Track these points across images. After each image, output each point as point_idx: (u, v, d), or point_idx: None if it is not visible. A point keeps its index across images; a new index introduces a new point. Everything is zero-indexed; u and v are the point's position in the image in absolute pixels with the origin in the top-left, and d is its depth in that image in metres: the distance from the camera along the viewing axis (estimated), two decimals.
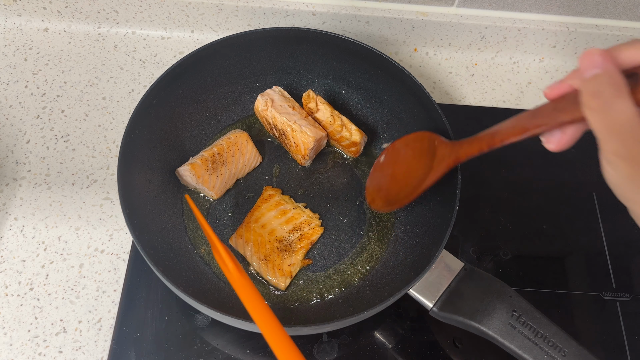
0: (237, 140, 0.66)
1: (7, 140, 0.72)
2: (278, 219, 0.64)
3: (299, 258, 0.62)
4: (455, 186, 0.56)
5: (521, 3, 0.77)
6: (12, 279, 0.63)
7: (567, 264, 0.67)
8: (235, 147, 0.65)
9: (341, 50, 0.67)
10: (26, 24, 0.81)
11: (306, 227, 0.64)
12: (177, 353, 0.58)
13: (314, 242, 0.63)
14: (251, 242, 0.62)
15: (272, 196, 0.66)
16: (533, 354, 0.50)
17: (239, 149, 0.66)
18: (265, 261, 0.61)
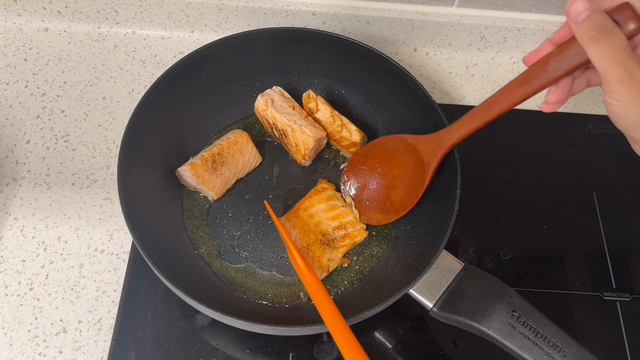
0: (237, 140, 0.66)
1: (7, 140, 0.72)
2: (326, 212, 0.64)
3: (339, 255, 0.62)
4: (455, 186, 0.56)
5: (521, 3, 0.77)
6: (12, 279, 0.63)
7: (567, 264, 0.67)
8: (235, 147, 0.65)
9: (341, 50, 0.67)
10: (26, 24, 0.81)
11: (351, 228, 0.64)
12: (177, 353, 0.58)
13: (356, 243, 0.64)
14: (297, 228, 0.63)
15: (325, 189, 0.66)
16: (533, 354, 0.50)
17: (239, 149, 0.66)
18: (306, 249, 0.62)
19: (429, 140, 0.58)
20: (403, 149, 0.61)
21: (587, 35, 0.39)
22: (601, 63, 0.39)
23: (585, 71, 0.46)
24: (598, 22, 0.38)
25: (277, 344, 0.59)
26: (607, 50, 0.38)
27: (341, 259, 0.63)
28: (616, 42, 0.38)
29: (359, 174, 0.65)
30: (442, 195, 0.61)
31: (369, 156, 0.64)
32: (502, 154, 0.74)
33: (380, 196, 0.63)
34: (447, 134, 0.56)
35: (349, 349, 0.45)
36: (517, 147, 0.74)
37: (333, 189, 0.67)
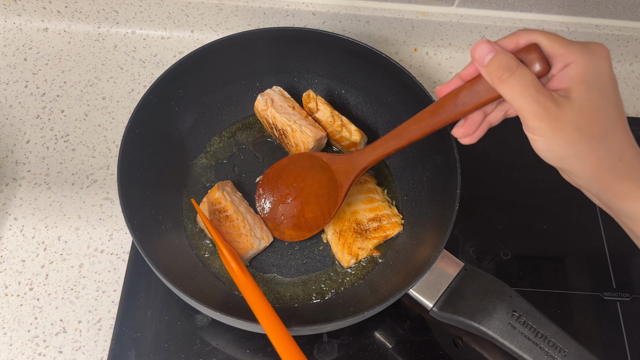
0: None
1: (7, 140, 0.72)
2: (364, 203, 0.65)
3: (370, 246, 0.63)
4: (455, 186, 0.56)
5: (521, 3, 0.77)
6: (12, 279, 0.63)
7: (567, 264, 0.67)
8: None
9: (341, 50, 0.67)
10: (26, 24, 0.81)
11: (385, 221, 0.64)
12: (177, 353, 0.58)
13: (388, 237, 0.64)
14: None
15: (367, 182, 0.67)
16: (533, 354, 0.50)
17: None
18: (338, 234, 0.63)
19: (342, 161, 0.59)
20: (319, 167, 0.61)
21: (495, 76, 0.39)
22: (514, 101, 0.39)
23: (501, 104, 0.46)
24: (502, 62, 0.39)
25: None
26: (516, 88, 0.38)
27: (371, 250, 0.63)
28: (524, 80, 0.38)
29: (275, 188, 0.64)
30: (442, 195, 0.61)
31: (285, 171, 0.64)
32: (502, 154, 0.74)
33: (296, 212, 0.63)
34: (360, 157, 0.57)
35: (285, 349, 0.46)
36: (517, 147, 0.74)
37: (374, 182, 0.68)
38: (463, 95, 0.44)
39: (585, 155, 0.39)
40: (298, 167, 0.63)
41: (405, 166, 0.68)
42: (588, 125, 0.38)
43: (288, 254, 0.64)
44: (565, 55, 0.39)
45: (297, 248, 0.65)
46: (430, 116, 0.48)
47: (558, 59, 0.40)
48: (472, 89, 0.44)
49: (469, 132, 0.46)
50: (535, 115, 0.38)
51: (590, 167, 0.39)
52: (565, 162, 0.40)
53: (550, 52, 0.40)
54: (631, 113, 0.81)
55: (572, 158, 0.39)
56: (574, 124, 0.38)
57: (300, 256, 0.64)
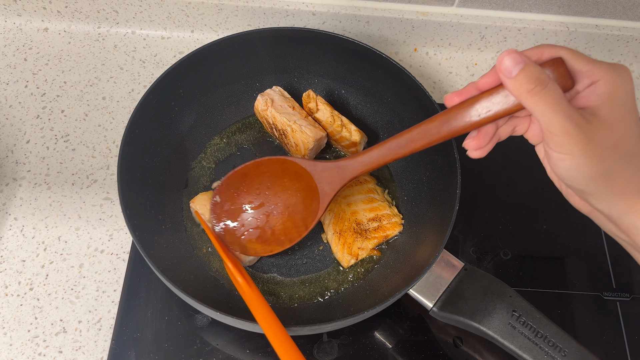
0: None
1: (7, 140, 0.72)
2: (364, 203, 0.65)
3: (369, 246, 0.63)
4: (455, 186, 0.56)
5: (521, 3, 0.77)
6: (12, 279, 0.63)
7: (567, 264, 0.67)
8: None
9: (341, 50, 0.67)
10: (26, 24, 0.81)
11: (385, 221, 0.64)
12: (177, 353, 0.58)
13: (388, 237, 0.64)
14: (333, 213, 0.64)
15: (367, 182, 0.67)
16: (533, 354, 0.50)
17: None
18: (338, 235, 0.63)
19: (327, 169, 0.53)
20: (293, 173, 0.55)
21: (525, 89, 0.37)
22: (544, 116, 0.37)
23: (511, 119, 0.44)
24: (534, 74, 0.37)
25: None
26: (548, 102, 0.37)
27: (371, 250, 0.63)
28: (555, 93, 0.37)
29: (236, 195, 0.57)
30: (442, 195, 0.61)
31: (250, 176, 0.57)
32: (502, 154, 0.74)
33: (261, 223, 0.57)
34: (351, 166, 0.51)
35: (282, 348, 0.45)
36: (517, 147, 0.74)
37: (374, 182, 0.68)
38: (479, 106, 0.41)
39: (613, 175, 0.37)
40: (266, 172, 0.57)
41: (405, 166, 0.68)
42: (617, 143, 0.37)
43: (288, 254, 0.64)
44: (591, 72, 0.38)
45: (297, 248, 0.65)
46: (440, 125, 0.44)
47: (584, 75, 0.39)
48: (490, 100, 0.41)
49: (481, 145, 0.44)
50: (566, 131, 0.36)
51: (618, 188, 0.38)
52: (591, 183, 0.38)
53: (575, 68, 0.39)
54: None
55: (600, 178, 0.38)
56: (603, 142, 0.37)
57: (300, 256, 0.64)
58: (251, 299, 0.50)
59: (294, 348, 0.46)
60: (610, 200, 0.39)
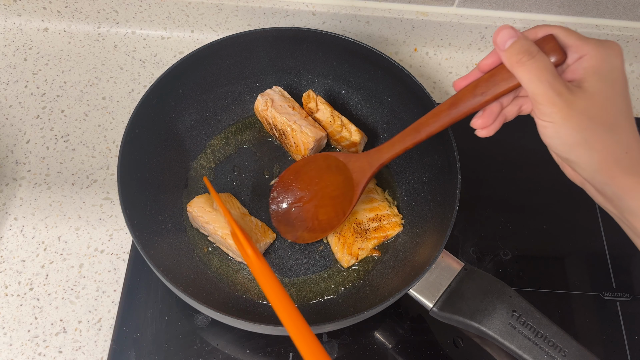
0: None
1: (7, 140, 0.72)
2: (364, 203, 0.65)
3: (369, 246, 0.63)
4: (455, 186, 0.56)
5: (521, 3, 0.77)
6: (12, 279, 0.63)
7: (567, 264, 0.67)
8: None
9: (341, 50, 0.67)
10: (26, 24, 0.81)
11: (385, 221, 0.64)
12: (177, 353, 0.58)
13: (388, 237, 0.64)
14: None
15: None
16: (533, 354, 0.50)
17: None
18: (338, 235, 0.63)
19: (359, 159, 0.58)
20: (334, 167, 0.60)
21: (515, 59, 0.40)
22: (530, 85, 0.40)
23: (516, 99, 0.47)
24: (524, 46, 0.40)
25: (277, 344, 0.59)
26: (534, 72, 0.40)
27: (371, 250, 0.63)
28: (542, 64, 0.40)
29: (289, 191, 0.63)
30: (442, 195, 0.61)
31: (301, 173, 0.63)
32: (502, 154, 0.74)
33: (309, 215, 0.62)
34: (378, 154, 0.56)
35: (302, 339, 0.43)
36: (517, 147, 0.74)
37: (374, 182, 0.68)
38: (482, 86, 0.45)
39: (593, 143, 0.39)
40: (313, 169, 0.62)
41: (405, 166, 0.68)
42: (598, 114, 0.39)
43: (288, 254, 0.64)
44: (580, 46, 0.41)
45: (297, 248, 0.65)
46: (449, 108, 0.48)
47: (573, 49, 0.41)
48: (491, 80, 0.44)
49: (487, 123, 0.46)
50: (549, 99, 0.39)
51: (598, 157, 0.40)
52: (572, 151, 0.40)
53: (566, 43, 0.41)
54: None
55: (580, 146, 0.40)
56: (585, 111, 0.39)
57: (300, 256, 0.64)
58: (259, 271, 0.49)
59: (300, 319, 0.44)
60: (592, 170, 0.40)
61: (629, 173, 0.40)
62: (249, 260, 0.51)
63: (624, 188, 0.40)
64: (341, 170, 0.60)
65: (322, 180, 0.62)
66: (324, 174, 0.62)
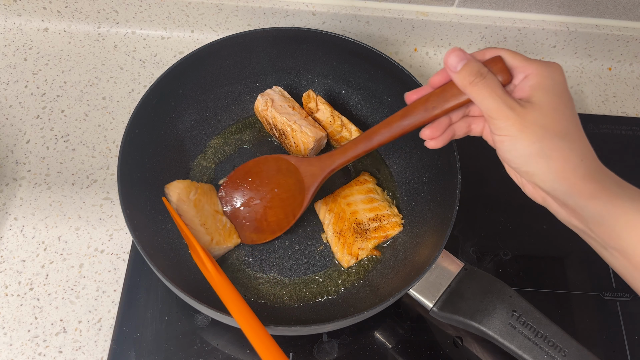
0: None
1: (7, 140, 0.72)
2: (364, 203, 0.65)
3: (369, 246, 0.63)
4: (455, 186, 0.56)
5: (521, 3, 0.77)
6: (12, 279, 0.63)
7: (567, 264, 0.67)
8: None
9: (341, 50, 0.67)
10: (26, 24, 0.81)
11: (386, 221, 0.64)
12: (177, 353, 0.58)
13: (388, 237, 0.64)
14: (333, 213, 0.64)
15: (367, 182, 0.67)
16: (533, 354, 0.50)
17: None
18: (338, 235, 0.63)
19: (311, 164, 0.59)
20: (285, 170, 0.61)
21: (467, 81, 0.43)
22: (483, 102, 0.42)
23: (465, 118, 0.49)
24: (474, 68, 0.43)
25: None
26: (486, 91, 0.42)
27: (371, 250, 0.63)
28: (493, 83, 0.42)
29: (238, 191, 0.64)
30: (442, 195, 0.61)
31: (250, 174, 0.63)
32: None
33: (258, 215, 0.63)
34: (330, 160, 0.58)
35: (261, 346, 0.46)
36: None
37: (374, 182, 0.68)
38: (432, 100, 0.47)
39: (550, 152, 0.41)
40: (263, 170, 0.63)
41: (405, 166, 0.68)
42: (550, 123, 0.41)
43: (288, 254, 0.64)
44: (525, 67, 0.43)
45: (297, 248, 0.65)
46: (401, 119, 0.50)
47: (519, 70, 0.43)
48: (441, 95, 0.46)
49: (435, 134, 0.48)
50: (503, 114, 0.41)
51: (555, 165, 0.41)
52: (530, 162, 0.42)
53: (512, 65, 0.44)
54: (631, 113, 0.81)
55: (537, 156, 0.41)
56: (537, 122, 0.41)
57: (300, 256, 0.64)
58: (219, 284, 0.52)
59: (264, 332, 0.47)
60: (552, 180, 0.41)
61: (588, 179, 0.41)
62: (209, 274, 0.53)
63: (585, 194, 0.41)
64: (292, 173, 0.60)
65: (272, 182, 0.62)
66: (274, 176, 0.62)
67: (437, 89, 0.47)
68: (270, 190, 0.63)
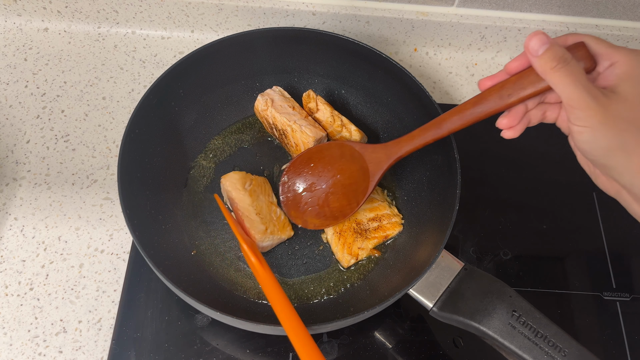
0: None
1: (7, 140, 0.72)
2: (364, 203, 0.65)
3: (369, 246, 0.63)
4: (455, 186, 0.56)
5: (521, 3, 0.77)
6: (12, 279, 0.63)
7: (567, 264, 0.67)
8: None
9: (341, 50, 0.67)
10: (26, 24, 0.81)
11: (386, 221, 0.64)
12: (177, 353, 0.58)
13: (388, 237, 0.64)
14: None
15: None
16: (533, 354, 0.50)
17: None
18: (338, 234, 0.63)
19: (376, 151, 0.58)
20: (349, 156, 0.61)
21: (549, 66, 0.41)
22: (565, 90, 0.40)
23: (541, 105, 0.47)
24: (558, 53, 0.40)
25: (277, 344, 0.59)
26: (569, 78, 0.40)
27: (371, 249, 0.63)
28: (576, 70, 0.40)
29: (301, 176, 0.63)
30: (442, 195, 0.61)
31: (313, 159, 0.63)
32: (502, 154, 0.74)
33: (320, 201, 0.62)
34: (396, 147, 0.56)
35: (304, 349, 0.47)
36: (517, 147, 0.74)
37: None
38: (508, 87, 0.45)
39: (632, 147, 0.39)
40: (327, 156, 0.62)
41: (405, 166, 0.68)
42: (635, 117, 0.39)
43: (288, 254, 0.64)
44: (611, 54, 0.41)
45: (297, 248, 0.65)
46: (474, 106, 0.48)
47: (604, 57, 0.42)
48: (518, 82, 0.45)
49: (513, 123, 0.46)
50: (585, 104, 0.39)
51: (637, 162, 0.39)
52: (610, 155, 0.40)
53: (597, 51, 0.42)
54: None
55: (618, 150, 0.39)
56: (622, 114, 0.39)
57: (301, 256, 0.64)
58: (263, 277, 0.52)
59: (301, 327, 0.48)
60: (631, 174, 0.40)
61: None
62: (253, 266, 0.54)
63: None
64: (356, 159, 0.60)
65: (335, 167, 0.62)
66: (337, 162, 0.62)
67: (514, 76, 0.45)
68: (333, 176, 0.62)
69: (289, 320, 0.48)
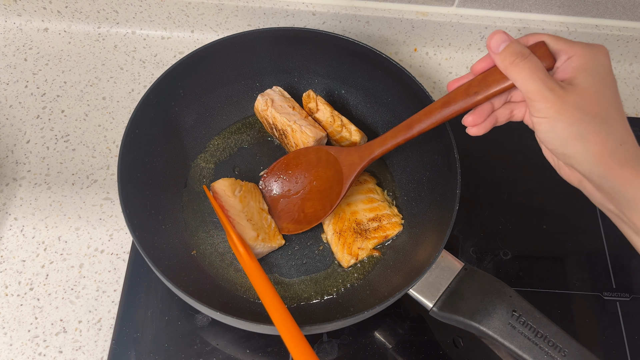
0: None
1: (7, 140, 0.72)
2: (364, 204, 0.65)
3: (369, 246, 0.63)
4: (455, 186, 0.56)
5: (521, 3, 0.77)
6: (12, 279, 0.63)
7: (567, 264, 0.67)
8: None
9: (341, 50, 0.67)
10: (26, 24, 0.81)
11: (385, 221, 0.64)
12: (177, 353, 0.58)
13: (388, 237, 0.64)
14: (333, 213, 0.64)
15: (367, 182, 0.67)
16: (533, 354, 0.50)
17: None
18: (338, 234, 0.63)
19: (350, 154, 0.60)
20: (325, 161, 0.62)
21: (508, 61, 0.43)
22: (523, 83, 0.42)
23: (507, 104, 0.49)
24: (516, 49, 0.43)
25: (277, 344, 0.59)
26: (527, 71, 0.42)
27: (371, 250, 0.63)
28: (534, 65, 0.42)
29: (278, 183, 0.65)
30: (442, 195, 0.61)
31: (290, 166, 0.65)
32: (502, 154, 0.74)
33: (296, 207, 0.64)
34: (369, 149, 0.58)
35: (290, 335, 0.48)
36: (517, 147, 0.74)
37: (374, 182, 0.68)
38: (474, 87, 0.47)
39: (588, 136, 0.40)
40: (304, 162, 0.64)
41: (405, 166, 0.68)
42: (590, 106, 0.40)
43: (288, 254, 0.64)
44: (568, 49, 0.43)
45: (297, 248, 0.65)
46: (442, 107, 0.49)
47: (562, 53, 0.43)
48: (484, 81, 0.46)
49: (478, 121, 0.48)
50: (542, 95, 0.41)
51: (593, 149, 0.40)
52: (568, 144, 0.41)
53: (555, 49, 0.44)
54: (631, 113, 0.81)
55: (575, 139, 0.41)
56: (577, 104, 0.40)
57: (300, 256, 0.64)
58: (250, 268, 0.54)
59: (289, 318, 0.49)
60: (589, 162, 0.41)
61: (626, 165, 0.40)
62: (240, 257, 0.55)
63: (621, 180, 0.40)
64: (331, 163, 0.61)
65: (312, 173, 0.63)
66: (313, 168, 0.63)
67: (479, 75, 0.47)
68: (309, 183, 0.63)
69: (273, 306, 0.49)
